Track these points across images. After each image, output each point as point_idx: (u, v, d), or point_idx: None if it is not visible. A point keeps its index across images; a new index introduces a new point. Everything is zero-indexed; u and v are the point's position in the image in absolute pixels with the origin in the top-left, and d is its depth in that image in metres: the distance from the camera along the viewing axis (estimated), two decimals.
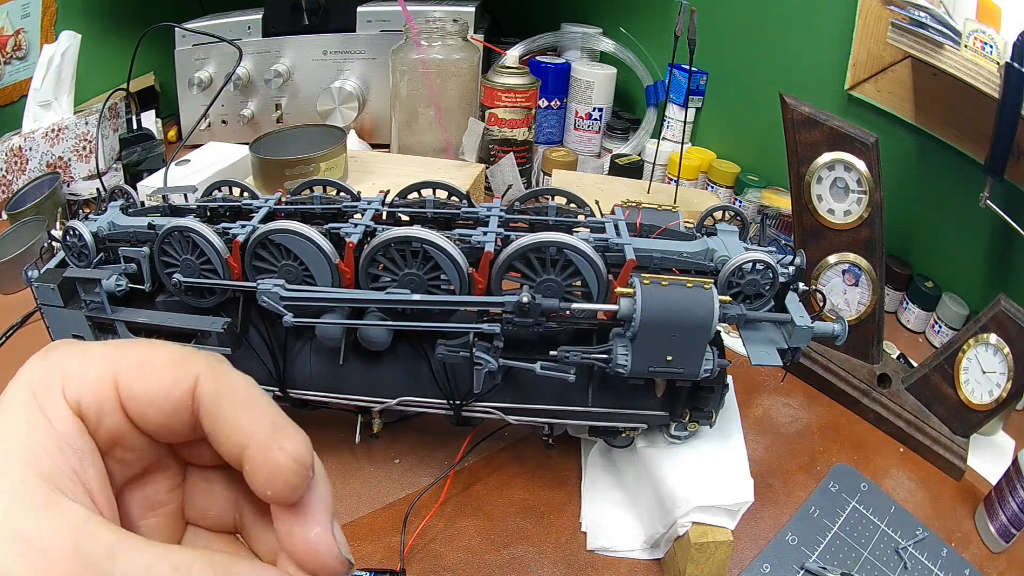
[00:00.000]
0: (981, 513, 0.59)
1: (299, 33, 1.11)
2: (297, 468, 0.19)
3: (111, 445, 0.20)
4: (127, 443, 0.20)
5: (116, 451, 0.20)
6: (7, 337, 0.71)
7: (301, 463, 0.19)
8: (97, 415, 0.19)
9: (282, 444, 0.19)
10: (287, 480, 0.19)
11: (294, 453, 0.19)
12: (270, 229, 0.47)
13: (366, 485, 0.58)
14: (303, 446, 0.20)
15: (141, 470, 0.22)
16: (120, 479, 0.21)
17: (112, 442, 0.20)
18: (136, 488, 0.22)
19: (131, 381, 0.20)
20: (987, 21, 0.66)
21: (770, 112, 0.76)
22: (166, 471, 0.22)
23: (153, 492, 0.22)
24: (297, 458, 0.19)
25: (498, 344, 0.48)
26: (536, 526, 0.55)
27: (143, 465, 0.22)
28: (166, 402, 0.20)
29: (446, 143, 1.04)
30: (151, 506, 0.22)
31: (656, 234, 0.55)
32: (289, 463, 0.19)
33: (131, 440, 0.20)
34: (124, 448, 0.20)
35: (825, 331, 0.48)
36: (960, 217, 0.80)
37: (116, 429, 0.20)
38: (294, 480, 0.19)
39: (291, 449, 0.19)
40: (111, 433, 0.20)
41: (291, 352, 0.53)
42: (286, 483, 0.19)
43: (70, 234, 0.51)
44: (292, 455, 0.19)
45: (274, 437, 0.19)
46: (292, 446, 0.19)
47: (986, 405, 0.63)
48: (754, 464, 0.54)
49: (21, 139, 0.93)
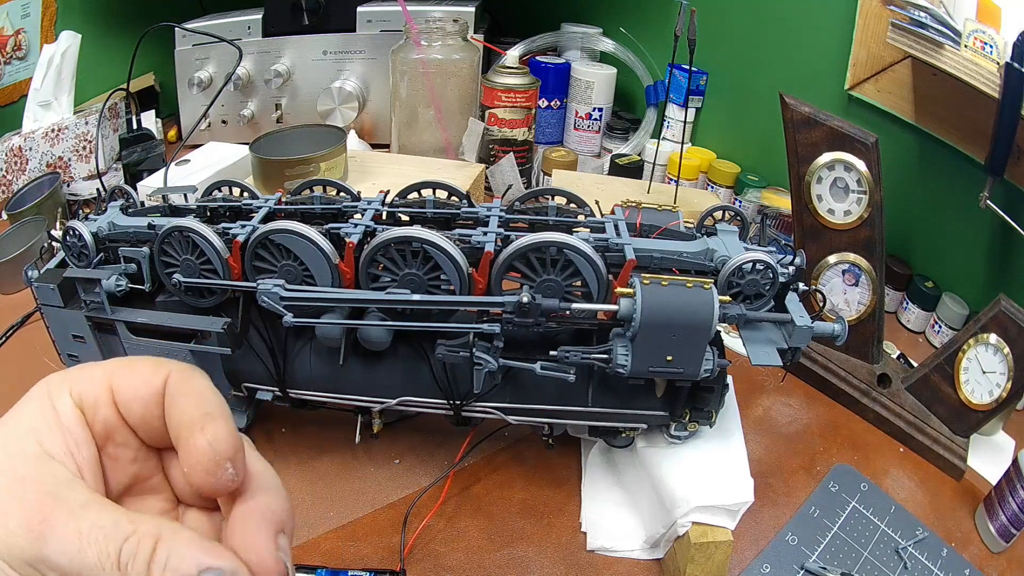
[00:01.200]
0: (981, 513, 0.59)
1: (299, 33, 1.11)
2: (211, 454, 0.21)
3: (105, 437, 0.23)
4: (118, 437, 0.24)
5: (109, 446, 0.23)
6: (7, 337, 0.71)
7: (216, 451, 0.21)
8: (94, 407, 0.23)
9: (204, 430, 0.22)
10: (204, 466, 0.21)
11: (213, 440, 0.21)
12: (270, 229, 0.47)
13: (366, 485, 0.58)
14: (224, 438, 0.22)
15: (133, 478, 0.24)
16: (115, 485, 0.24)
17: (106, 433, 0.23)
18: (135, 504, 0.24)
19: (120, 381, 0.23)
20: (987, 21, 0.66)
21: (770, 112, 0.76)
22: (160, 494, 0.25)
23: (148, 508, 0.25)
24: (214, 444, 0.21)
25: (498, 344, 0.48)
26: (536, 526, 0.55)
27: (135, 470, 0.24)
28: (146, 394, 0.23)
29: (446, 143, 1.04)
30: None
31: (656, 234, 0.55)
32: (205, 448, 0.21)
33: (121, 435, 0.24)
34: (116, 443, 0.24)
35: (825, 331, 0.48)
36: (960, 217, 0.80)
37: (109, 421, 0.23)
38: (209, 466, 0.21)
39: (211, 436, 0.21)
40: (105, 423, 0.23)
41: (291, 352, 0.53)
42: (203, 468, 0.21)
43: (70, 234, 0.51)
44: (210, 441, 0.21)
45: (201, 424, 0.22)
46: (213, 435, 0.22)
47: (986, 405, 0.63)
48: (754, 464, 0.54)
49: (21, 139, 0.93)
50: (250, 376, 0.54)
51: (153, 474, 0.25)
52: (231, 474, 0.22)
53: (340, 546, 0.52)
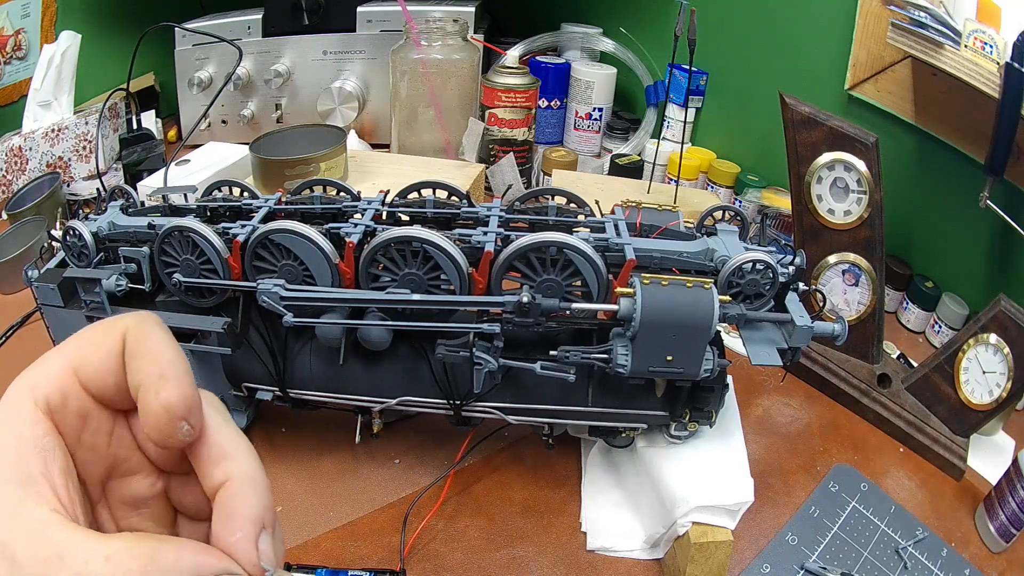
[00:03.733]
0: (981, 513, 0.59)
1: (299, 33, 1.11)
2: (165, 416, 0.21)
3: (81, 425, 0.22)
4: (92, 420, 0.23)
5: (85, 434, 0.23)
6: (7, 337, 0.71)
7: (170, 412, 0.21)
8: (62, 402, 0.22)
9: (159, 391, 0.21)
10: (160, 428, 0.21)
11: (165, 402, 0.21)
12: (270, 229, 0.47)
13: (366, 485, 0.58)
14: (178, 398, 0.21)
15: (112, 461, 0.24)
16: (96, 476, 0.23)
17: (81, 420, 0.22)
18: (119, 487, 0.24)
19: (82, 362, 0.22)
20: (987, 21, 0.66)
21: (770, 112, 0.76)
22: (144, 471, 0.24)
23: (136, 490, 0.24)
24: (167, 407, 0.21)
25: (498, 344, 0.48)
26: (536, 526, 0.55)
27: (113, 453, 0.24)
28: (110, 365, 0.22)
29: (446, 143, 1.04)
30: (134, 505, 0.25)
31: (656, 234, 0.55)
32: (159, 410, 0.21)
33: (95, 416, 0.23)
34: (91, 429, 0.23)
35: (825, 331, 0.48)
36: (960, 217, 0.80)
37: (82, 407, 0.22)
38: (163, 427, 0.21)
39: (164, 397, 0.21)
40: (79, 411, 0.22)
41: (291, 352, 0.53)
42: (157, 428, 0.21)
43: (70, 234, 0.51)
44: (163, 403, 0.21)
45: (156, 384, 0.21)
46: (167, 395, 0.21)
47: (986, 405, 0.63)
48: (754, 464, 0.54)
49: (21, 139, 0.93)
50: (250, 376, 0.54)
51: (131, 453, 0.24)
52: (187, 430, 0.22)
53: (340, 546, 0.52)
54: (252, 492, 0.22)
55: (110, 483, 0.24)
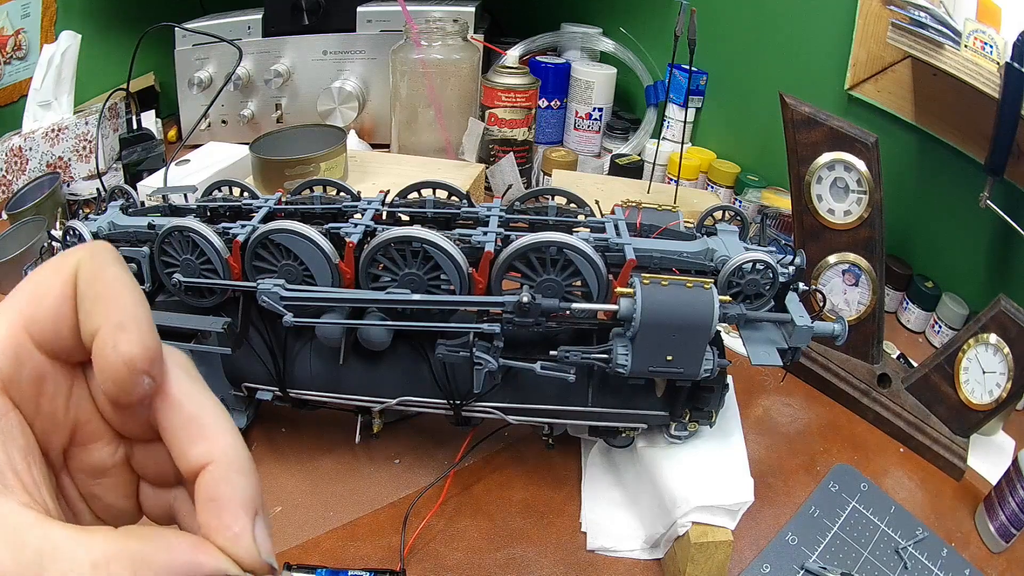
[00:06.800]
0: (981, 513, 0.59)
1: (299, 33, 1.11)
2: (124, 370, 0.19)
3: (39, 389, 0.20)
4: (49, 382, 0.20)
5: (43, 399, 0.20)
6: None
7: (130, 367, 0.19)
8: (16, 368, 0.20)
9: (117, 343, 0.19)
10: (116, 380, 0.19)
11: (124, 356, 0.19)
12: (270, 229, 0.47)
13: (366, 485, 0.58)
14: (139, 351, 0.19)
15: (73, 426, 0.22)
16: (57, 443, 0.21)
17: (39, 382, 0.20)
18: (79, 455, 0.22)
19: (32, 315, 0.20)
20: (987, 21, 0.66)
21: (770, 112, 0.76)
22: (105, 439, 0.23)
23: (97, 458, 0.22)
24: (127, 362, 0.19)
25: (498, 344, 0.48)
26: (536, 526, 0.55)
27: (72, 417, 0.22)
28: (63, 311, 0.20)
29: (446, 143, 1.04)
30: (97, 473, 0.23)
31: (656, 234, 0.55)
32: (117, 363, 0.19)
33: (52, 375, 0.21)
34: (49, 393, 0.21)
35: (825, 331, 0.48)
36: (960, 217, 0.80)
37: (37, 369, 0.20)
38: (123, 381, 0.19)
39: (124, 351, 0.19)
40: (35, 373, 0.20)
41: (291, 352, 0.53)
42: (115, 383, 0.19)
43: (70, 234, 0.51)
44: (122, 356, 0.19)
45: (113, 335, 0.19)
46: (126, 348, 0.19)
47: (986, 405, 0.63)
48: (754, 464, 0.54)
49: (21, 139, 0.93)
50: (250, 376, 0.54)
51: (92, 416, 0.22)
52: (148, 383, 0.20)
53: (340, 546, 0.52)
54: (240, 476, 0.20)
55: (70, 450, 0.22)
